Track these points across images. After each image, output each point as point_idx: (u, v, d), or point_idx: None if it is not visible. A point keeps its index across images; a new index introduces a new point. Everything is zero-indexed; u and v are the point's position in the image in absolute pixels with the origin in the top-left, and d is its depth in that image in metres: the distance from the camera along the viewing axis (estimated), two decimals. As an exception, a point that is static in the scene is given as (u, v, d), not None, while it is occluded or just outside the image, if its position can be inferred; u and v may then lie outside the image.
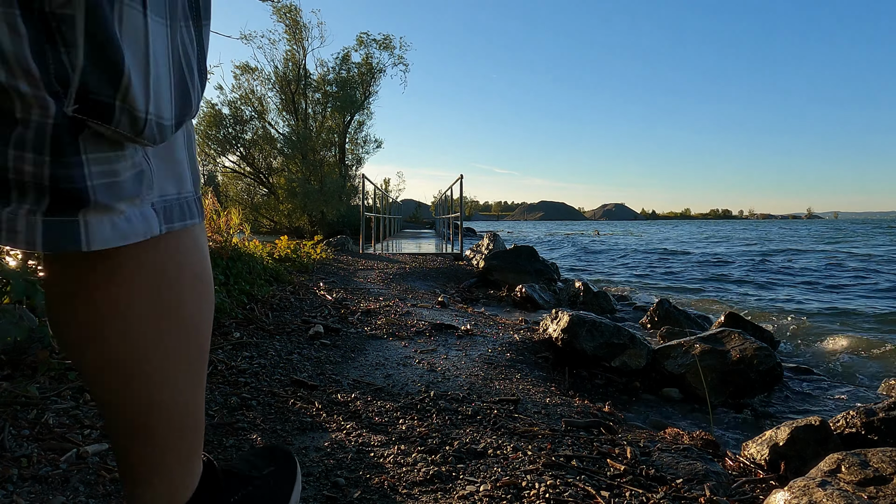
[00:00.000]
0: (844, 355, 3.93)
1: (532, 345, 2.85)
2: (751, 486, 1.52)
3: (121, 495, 1.10)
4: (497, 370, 2.30)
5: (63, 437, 1.28)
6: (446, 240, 11.97)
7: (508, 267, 6.09)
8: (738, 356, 2.65)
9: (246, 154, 24.00)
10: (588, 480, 1.31)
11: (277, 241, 5.31)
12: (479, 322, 3.32)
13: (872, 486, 1.24)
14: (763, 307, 6.11)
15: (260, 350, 2.19)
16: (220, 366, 1.93)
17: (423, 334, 2.78)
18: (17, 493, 1.06)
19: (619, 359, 2.74)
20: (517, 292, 5.13)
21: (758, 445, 1.80)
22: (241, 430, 1.46)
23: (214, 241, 3.20)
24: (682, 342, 2.83)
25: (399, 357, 2.32)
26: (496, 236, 8.61)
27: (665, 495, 1.27)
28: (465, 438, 1.51)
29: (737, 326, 3.62)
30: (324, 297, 3.60)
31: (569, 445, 1.52)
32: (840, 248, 16.30)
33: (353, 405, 1.72)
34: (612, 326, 2.82)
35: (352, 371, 2.08)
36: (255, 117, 23.66)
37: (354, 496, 1.17)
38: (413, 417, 1.65)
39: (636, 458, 1.48)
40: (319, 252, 6.08)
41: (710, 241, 23.07)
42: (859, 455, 1.34)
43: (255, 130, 23.95)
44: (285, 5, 21.59)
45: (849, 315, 5.55)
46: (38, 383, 1.51)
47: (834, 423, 1.93)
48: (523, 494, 1.21)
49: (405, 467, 1.32)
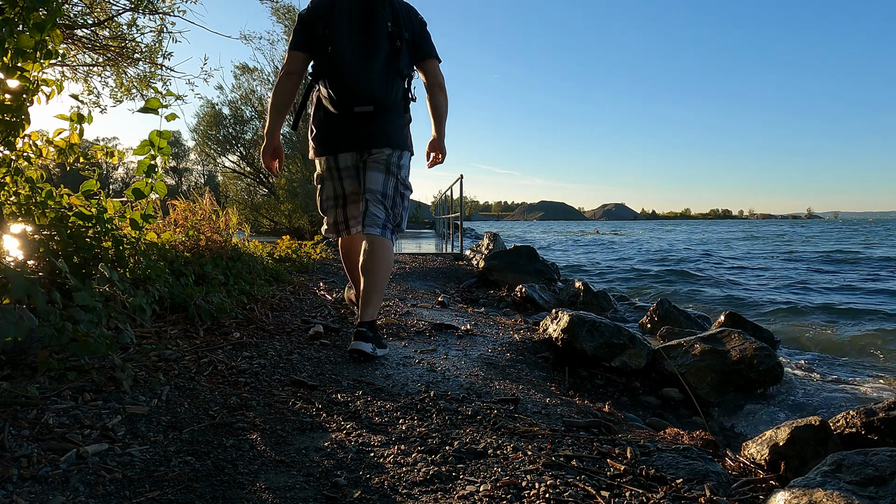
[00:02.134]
0: (845, 355, 3.93)
1: (532, 345, 2.85)
2: (751, 486, 1.52)
3: (121, 495, 1.10)
4: (497, 370, 2.30)
5: (63, 437, 1.28)
6: (446, 240, 11.97)
7: (508, 267, 6.09)
8: (738, 356, 2.65)
9: (246, 154, 24.01)
10: (588, 480, 1.31)
11: (279, 242, 5.30)
12: (479, 322, 3.32)
13: (872, 485, 1.24)
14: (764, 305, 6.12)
15: (260, 350, 2.19)
16: (219, 366, 1.93)
17: (423, 334, 2.78)
18: (17, 493, 1.06)
19: (619, 359, 2.74)
20: (517, 292, 5.13)
21: (758, 445, 1.80)
22: (240, 431, 1.46)
23: (214, 242, 3.20)
24: (682, 342, 2.83)
25: (399, 357, 2.32)
26: (496, 236, 8.61)
27: (665, 495, 1.27)
28: (465, 438, 1.50)
29: (737, 326, 3.62)
30: (324, 297, 3.60)
31: (569, 445, 1.52)
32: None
33: (352, 405, 1.72)
34: (612, 326, 2.82)
35: (352, 371, 2.08)
36: (256, 117, 23.68)
37: (354, 496, 1.17)
38: (413, 417, 1.65)
39: (636, 458, 1.48)
40: (319, 252, 6.08)
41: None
42: (859, 455, 1.34)
43: (255, 130, 23.97)
44: (284, 6, 21.61)
45: (849, 315, 5.55)
46: (38, 383, 1.51)
47: (834, 423, 1.93)
48: (523, 494, 1.21)
49: (405, 467, 1.32)
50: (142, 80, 5.81)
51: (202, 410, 1.56)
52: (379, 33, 2.21)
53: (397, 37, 2.24)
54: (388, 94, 2.24)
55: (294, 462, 1.32)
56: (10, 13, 1.74)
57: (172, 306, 2.44)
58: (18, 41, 1.74)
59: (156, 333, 2.15)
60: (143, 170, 2.26)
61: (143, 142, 2.24)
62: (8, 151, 1.95)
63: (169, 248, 2.85)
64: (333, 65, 2.20)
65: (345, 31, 2.20)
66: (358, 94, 2.21)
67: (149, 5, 5.25)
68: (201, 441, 1.37)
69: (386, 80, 2.22)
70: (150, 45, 5.58)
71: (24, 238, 1.77)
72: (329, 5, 2.25)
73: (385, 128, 2.30)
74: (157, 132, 2.23)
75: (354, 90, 2.20)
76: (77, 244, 1.98)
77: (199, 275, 2.85)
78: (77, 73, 5.69)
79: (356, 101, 2.22)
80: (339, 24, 2.21)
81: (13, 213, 1.95)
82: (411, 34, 2.30)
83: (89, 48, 5.48)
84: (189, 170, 57.48)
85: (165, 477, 1.19)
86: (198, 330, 2.32)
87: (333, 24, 2.21)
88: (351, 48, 2.19)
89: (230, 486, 1.18)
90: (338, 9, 2.23)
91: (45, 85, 1.89)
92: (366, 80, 2.19)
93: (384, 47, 2.21)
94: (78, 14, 5.31)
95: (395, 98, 2.28)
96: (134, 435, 1.36)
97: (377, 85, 2.20)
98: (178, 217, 3.24)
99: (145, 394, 1.59)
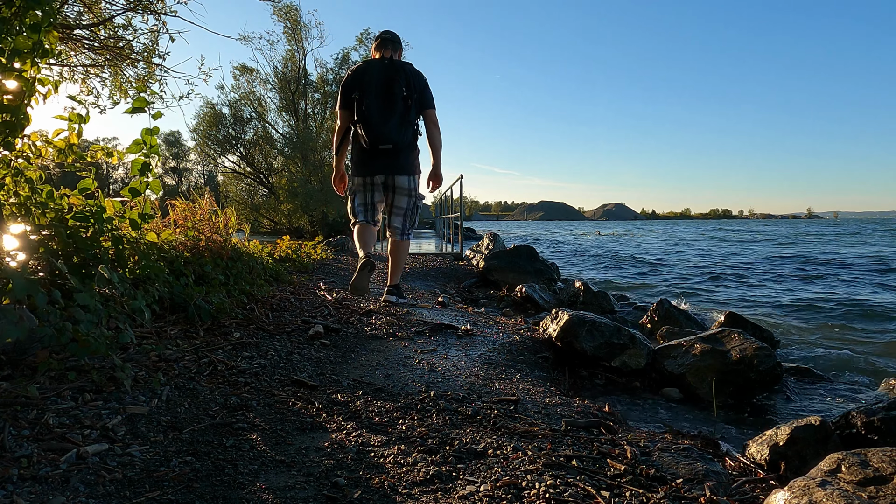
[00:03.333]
0: (845, 355, 3.92)
1: (532, 345, 2.85)
2: (751, 486, 1.52)
3: (121, 495, 1.10)
4: (497, 370, 2.30)
5: (63, 437, 1.28)
6: (446, 240, 11.97)
7: (508, 267, 6.09)
8: (739, 356, 2.65)
9: (246, 154, 24.00)
10: (588, 480, 1.31)
11: (279, 242, 5.30)
12: (479, 322, 3.32)
13: (872, 485, 1.24)
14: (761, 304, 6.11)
15: (260, 350, 2.19)
16: (220, 366, 1.92)
17: (423, 334, 2.78)
18: (17, 494, 1.06)
19: (619, 359, 2.74)
20: (517, 292, 5.13)
21: (758, 445, 1.80)
22: (240, 431, 1.46)
23: (214, 242, 3.19)
24: (682, 342, 2.83)
25: (399, 357, 2.32)
26: (496, 236, 8.60)
27: (665, 495, 1.27)
28: (465, 438, 1.50)
29: (737, 326, 3.61)
30: (324, 297, 3.60)
31: (569, 445, 1.52)
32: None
33: (353, 405, 1.72)
34: (612, 326, 2.82)
35: (352, 371, 2.08)
36: (255, 117, 23.67)
37: (354, 496, 1.17)
38: (413, 417, 1.65)
39: (636, 457, 1.48)
40: (320, 252, 6.08)
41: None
42: (859, 455, 1.34)
43: (255, 131, 23.95)
44: (285, 5, 21.61)
45: (849, 314, 5.55)
46: (38, 383, 1.51)
47: (834, 423, 1.93)
48: (523, 494, 1.21)
49: (405, 467, 1.32)
50: (139, 81, 5.81)
51: (202, 410, 1.56)
52: (396, 98, 3.26)
53: (409, 98, 3.28)
54: (402, 138, 3.31)
55: (294, 462, 1.32)
56: (6, 13, 1.73)
57: (172, 306, 2.44)
58: (15, 41, 1.74)
59: (156, 333, 2.15)
60: (136, 169, 2.26)
61: (136, 141, 2.24)
62: (7, 152, 1.95)
63: (169, 248, 2.84)
64: (364, 118, 3.27)
65: (371, 97, 3.27)
66: (381, 138, 3.27)
67: (145, 6, 5.25)
68: (201, 441, 1.37)
69: (400, 129, 3.29)
70: (147, 45, 5.58)
71: (24, 238, 1.77)
72: (360, 76, 3.31)
73: (402, 161, 3.40)
74: (147, 130, 2.23)
75: (379, 136, 3.27)
76: (77, 244, 1.98)
77: (199, 275, 2.85)
78: (75, 73, 5.69)
79: (381, 142, 3.28)
80: (367, 91, 3.27)
81: (13, 213, 1.95)
82: (418, 93, 3.33)
83: (88, 48, 5.48)
84: (189, 170, 57.49)
85: (165, 477, 1.19)
86: (198, 330, 2.31)
87: (364, 91, 3.27)
88: (376, 108, 3.26)
89: (230, 486, 1.18)
90: (366, 80, 3.28)
91: (41, 85, 1.89)
92: (387, 130, 3.27)
93: (399, 108, 3.28)
94: (76, 14, 5.31)
95: (407, 140, 3.34)
96: (134, 435, 1.36)
97: (394, 133, 3.28)
98: (178, 217, 3.24)
99: (145, 394, 1.59)
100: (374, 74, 3.28)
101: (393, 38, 3.46)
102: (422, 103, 3.35)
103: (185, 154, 52.52)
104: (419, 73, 3.38)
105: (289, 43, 22.75)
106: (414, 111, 3.30)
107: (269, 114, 23.87)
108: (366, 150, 3.32)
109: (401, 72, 3.28)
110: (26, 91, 1.82)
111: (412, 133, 3.36)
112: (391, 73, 3.27)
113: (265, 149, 23.92)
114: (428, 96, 3.38)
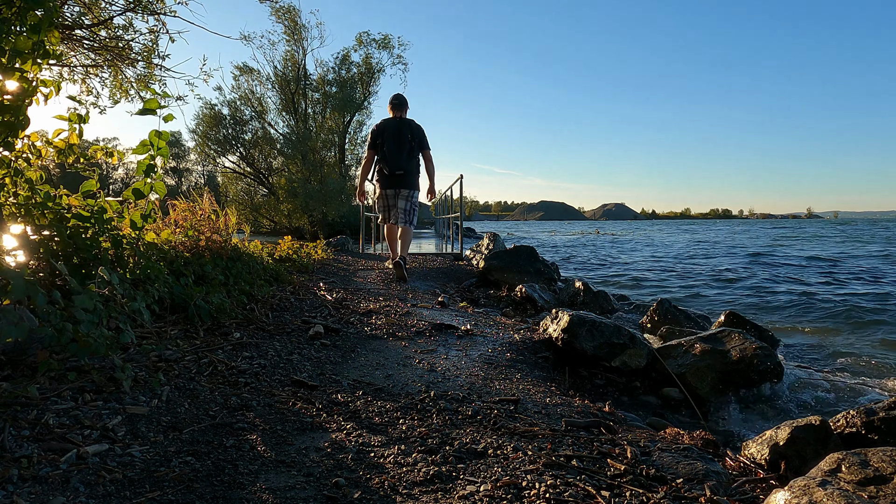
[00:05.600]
0: (846, 355, 3.92)
1: (532, 345, 2.85)
2: (751, 486, 1.52)
3: (121, 495, 1.10)
4: (497, 370, 2.30)
5: (63, 438, 1.28)
6: (446, 240, 11.96)
7: (508, 267, 6.09)
8: (739, 356, 2.65)
9: (246, 154, 23.99)
10: (588, 480, 1.31)
11: (280, 242, 5.30)
12: (479, 322, 3.32)
13: (872, 485, 1.24)
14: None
15: (260, 350, 2.19)
16: (220, 366, 1.92)
17: (423, 334, 2.78)
18: (17, 494, 1.06)
19: (619, 358, 2.74)
20: (517, 292, 5.13)
21: (758, 445, 1.80)
22: (240, 431, 1.46)
23: (214, 242, 3.19)
24: (682, 342, 2.82)
25: (399, 357, 2.32)
26: (496, 236, 8.60)
27: (665, 495, 1.27)
28: (465, 438, 1.50)
29: (737, 326, 3.61)
30: (324, 297, 3.59)
31: (569, 445, 1.52)
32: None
33: (353, 405, 1.72)
34: (612, 326, 2.82)
35: (352, 371, 2.08)
36: (255, 118, 23.66)
37: (354, 496, 1.17)
38: (413, 417, 1.65)
39: (636, 457, 1.48)
40: (320, 252, 6.08)
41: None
42: (859, 455, 1.34)
43: (254, 131, 23.94)
44: (284, 6, 21.60)
45: (850, 314, 5.55)
46: (38, 383, 1.51)
47: (834, 423, 1.93)
48: (523, 494, 1.21)
49: (405, 467, 1.32)
50: (139, 81, 5.81)
51: (202, 411, 1.56)
52: (404, 142, 5.07)
53: (413, 142, 5.09)
54: (410, 166, 5.10)
55: (294, 462, 1.31)
56: (7, 13, 1.73)
57: (172, 306, 2.44)
58: (16, 42, 1.74)
59: (156, 334, 2.15)
60: (142, 170, 2.26)
61: (143, 142, 2.24)
62: (7, 152, 1.95)
63: (169, 249, 2.84)
64: (384, 156, 5.06)
65: (390, 141, 5.05)
66: (396, 167, 5.05)
67: (145, 6, 5.25)
68: (201, 441, 1.37)
69: (409, 161, 5.09)
70: (147, 45, 5.58)
71: (24, 239, 1.77)
72: (383, 130, 5.08)
73: (410, 180, 5.14)
74: (156, 132, 2.23)
75: (395, 166, 5.05)
76: (76, 245, 1.98)
77: (198, 275, 2.85)
78: (75, 73, 5.69)
79: (396, 170, 5.06)
80: (387, 138, 5.05)
81: (13, 213, 1.95)
82: (419, 140, 5.13)
83: (88, 49, 5.48)
84: (189, 170, 57.44)
85: (165, 477, 1.19)
86: (198, 330, 2.31)
87: (385, 138, 5.06)
88: (393, 149, 5.05)
89: (230, 487, 1.18)
90: (387, 133, 5.06)
91: (43, 86, 1.89)
92: (400, 161, 5.05)
93: (406, 148, 5.07)
94: (76, 15, 5.31)
95: (413, 168, 5.15)
96: (134, 435, 1.36)
97: (404, 164, 5.07)
98: (178, 217, 3.23)
99: (145, 394, 1.59)
100: (391, 129, 5.07)
101: (401, 102, 5.23)
102: (421, 146, 5.18)
103: (185, 154, 52.52)
104: (419, 126, 5.19)
105: (288, 43, 22.76)
106: (416, 150, 5.16)
107: (269, 114, 23.87)
108: (386, 175, 5.14)
109: (407, 126, 5.11)
110: (27, 92, 1.82)
111: (416, 164, 5.18)
112: (401, 127, 5.08)
113: (265, 149, 23.92)
114: (425, 142, 5.18)
